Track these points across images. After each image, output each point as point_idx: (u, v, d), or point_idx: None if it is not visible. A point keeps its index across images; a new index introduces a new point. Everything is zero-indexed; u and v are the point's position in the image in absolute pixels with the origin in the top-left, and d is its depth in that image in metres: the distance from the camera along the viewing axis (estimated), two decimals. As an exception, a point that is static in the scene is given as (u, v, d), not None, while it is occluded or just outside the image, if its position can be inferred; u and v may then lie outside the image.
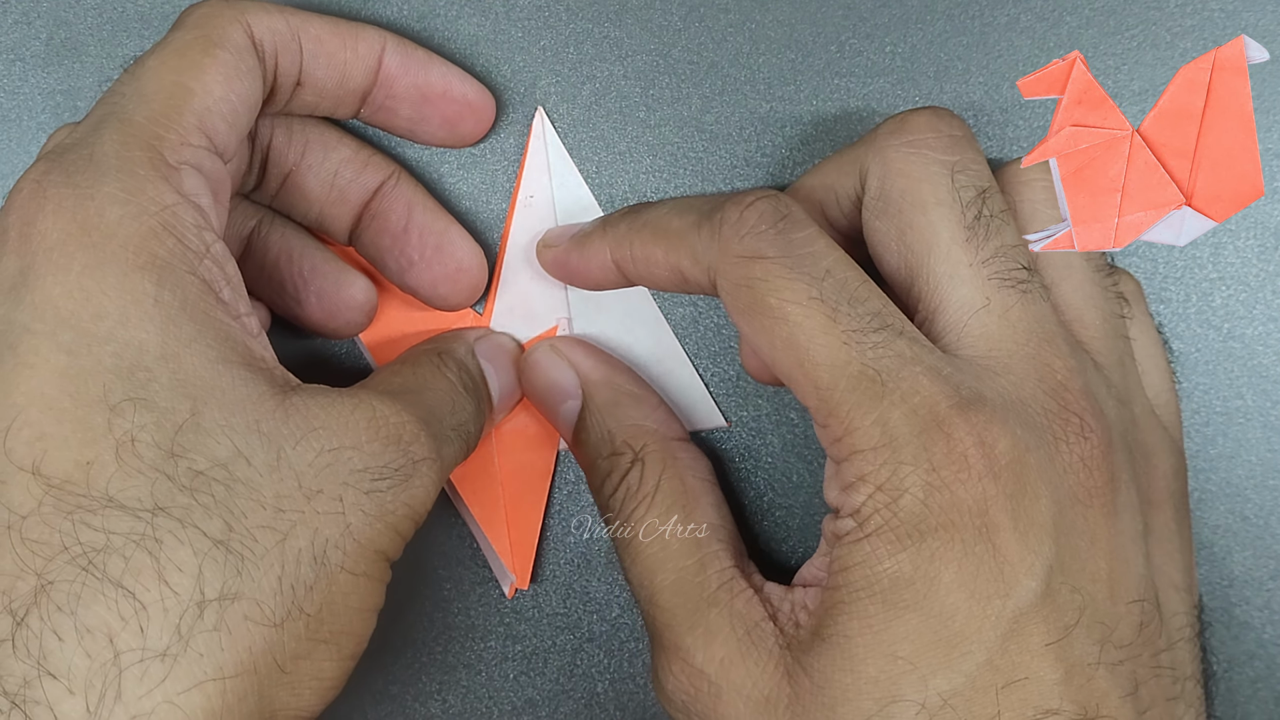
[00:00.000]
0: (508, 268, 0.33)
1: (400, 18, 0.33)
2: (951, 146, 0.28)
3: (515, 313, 0.33)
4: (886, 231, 0.28)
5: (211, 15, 0.27)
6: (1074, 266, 0.29)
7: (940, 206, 0.27)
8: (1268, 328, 0.34)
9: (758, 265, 0.27)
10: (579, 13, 0.33)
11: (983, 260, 0.27)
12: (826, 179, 0.30)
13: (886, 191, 0.28)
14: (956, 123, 0.28)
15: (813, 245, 0.27)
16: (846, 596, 0.25)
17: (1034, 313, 0.27)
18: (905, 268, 0.28)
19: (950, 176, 0.27)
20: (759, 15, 0.33)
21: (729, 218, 0.27)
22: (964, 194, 0.27)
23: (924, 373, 0.25)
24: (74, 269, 0.23)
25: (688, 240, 0.28)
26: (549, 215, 0.33)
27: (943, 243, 0.27)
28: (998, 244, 0.27)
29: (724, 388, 0.34)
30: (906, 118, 0.28)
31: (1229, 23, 0.33)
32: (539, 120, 0.33)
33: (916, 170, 0.27)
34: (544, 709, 0.34)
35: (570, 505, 0.34)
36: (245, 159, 0.30)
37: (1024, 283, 0.27)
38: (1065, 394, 0.26)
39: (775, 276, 0.26)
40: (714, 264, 0.27)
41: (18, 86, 0.33)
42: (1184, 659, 0.27)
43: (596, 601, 0.34)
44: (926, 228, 0.27)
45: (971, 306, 0.27)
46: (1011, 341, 0.27)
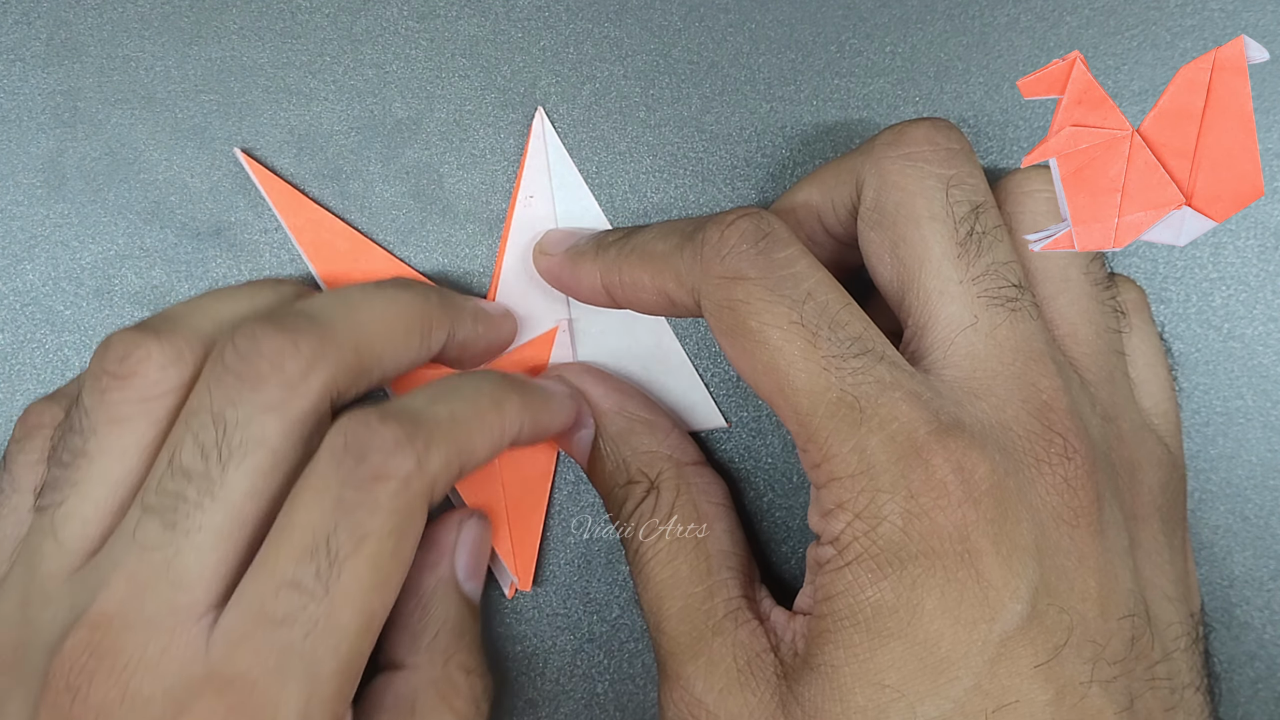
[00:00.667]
0: (508, 269, 0.33)
1: (400, 18, 0.33)
2: (948, 160, 0.28)
3: (515, 314, 0.33)
4: (880, 243, 0.28)
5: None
6: (1070, 280, 0.29)
7: (933, 221, 0.27)
8: (1268, 328, 0.34)
9: (739, 286, 0.26)
10: (579, 13, 0.34)
11: (973, 277, 0.27)
12: (824, 187, 0.30)
13: (881, 203, 0.28)
14: (954, 135, 0.28)
15: (794, 265, 0.27)
16: (831, 625, 0.25)
17: (1022, 331, 0.27)
18: (897, 280, 0.28)
19: (945, 191, 0.27)
20: (759, 15, 0.33)
21: (710, 238, 0.27)
22: (958, 209, 0.27)
23: (903, 398, 0.25)
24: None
25: (672, 263, 0.28)
26: (549, 215, 0.33)
27: (934, 258, 0.27)
28: (989, 261, 0.27)
29: (724, 388, 0.34)
30: (904, 129, 0.28)
31: (1229, 23, 0.33)
32: (539, 120, 0.33)
33: (911, 184, 0.27)
34: (544, 709, 0.34)
35: (570, 505, 0.34)
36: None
37: (1013, 300, 0.27)
38: (1049, 414, 0.26)
39: (756, 299, 0.26)
40: (698, 285, 0.27)
41: (18, 86, 0.33)
42: (1181, 668, 0.27)
43: (596, 602, 0.34)
44: (919, 242, 0.27)
45: (959, 324, 0.27)
46: (997, 361, 0.27)
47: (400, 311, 0.29)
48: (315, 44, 0.33)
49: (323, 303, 0.28)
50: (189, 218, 0.33)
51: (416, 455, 0.26)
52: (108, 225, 0.33)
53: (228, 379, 0.26)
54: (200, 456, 0.25)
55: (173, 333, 0.27)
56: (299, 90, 0.33)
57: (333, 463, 0.26)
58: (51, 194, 0.33)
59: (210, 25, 0.33)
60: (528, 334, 0.33)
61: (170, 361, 0.27)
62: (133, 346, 0.27)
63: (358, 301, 0.28)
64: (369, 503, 0.25)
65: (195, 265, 0.33)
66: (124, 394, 0.27)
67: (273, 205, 0.33)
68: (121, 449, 0.27)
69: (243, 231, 0.33)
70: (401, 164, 0.33)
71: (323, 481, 0.26)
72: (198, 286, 0.33)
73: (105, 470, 0.27)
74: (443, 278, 0.34)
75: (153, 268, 0.33)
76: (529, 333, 0.33)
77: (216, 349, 0.27)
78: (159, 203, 0.33)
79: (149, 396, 0.27)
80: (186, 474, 0.25)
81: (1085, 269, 0.29)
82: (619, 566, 0.34)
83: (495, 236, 0.34)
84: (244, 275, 0.33)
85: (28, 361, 0.34)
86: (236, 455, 0.25)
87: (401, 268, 0.33)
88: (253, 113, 0.33)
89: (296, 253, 0.33)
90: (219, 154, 0.33)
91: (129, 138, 0.33)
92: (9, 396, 0.34)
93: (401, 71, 0.33)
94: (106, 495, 0.27)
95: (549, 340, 0.33)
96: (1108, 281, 0.30)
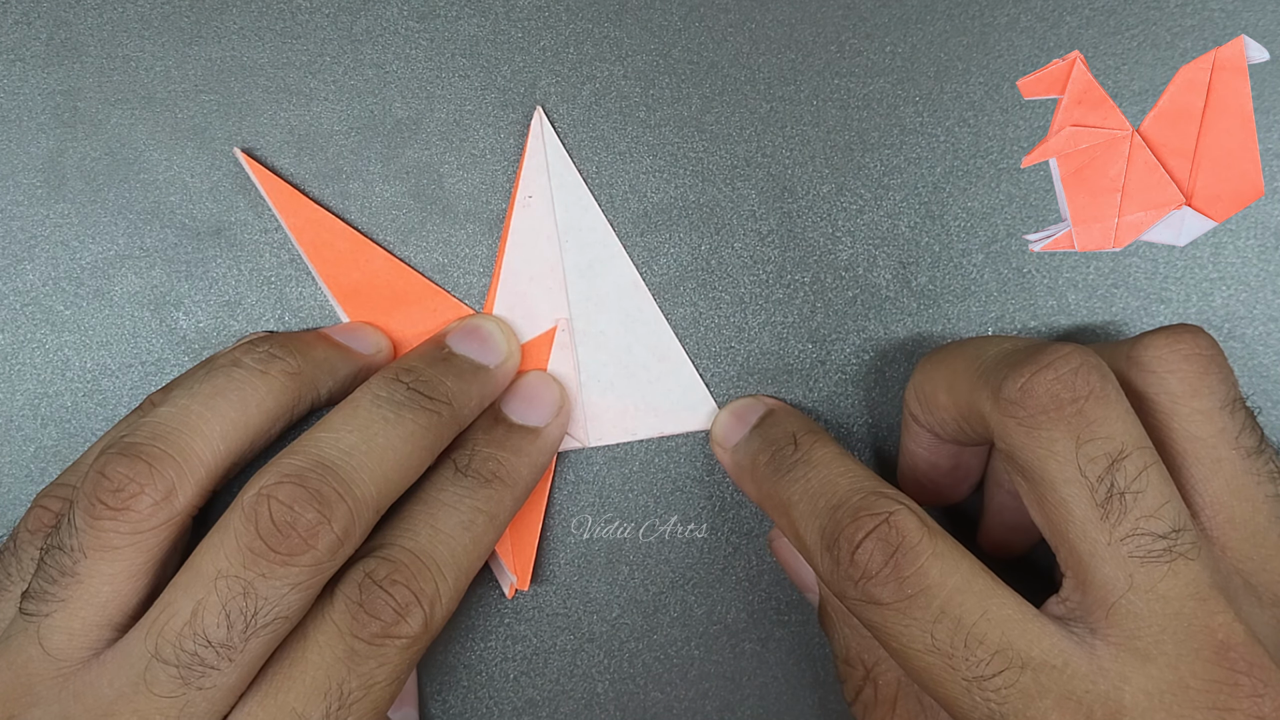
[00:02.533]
0: (507, 268, 0.33)
1: (400, 18, 0.33)
2: (1077, 417, 0.26)
3: (515, 312, 0.33)
4: (1027, 492, 0.28)
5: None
6: (1222, 460, 0.28)
7: (1069, 485, 0.26)
8: (1268, 328, 0.34)
9: (873, 611, 0.27)
10: (579, 13, 0.34)
11: (1120, 538, 0.26)
12: (957, 400, 0.29)
13: (1014, 458, 0.27)
14: (1082, 382, 0.27)
15: (926, 578, 0.26)
16: None
17: (1185, 578, 0.26)
18: (1049, 531, 0.27)
19: (1076, 450, 0.26)
20: (759, 15, 0.33)
21: (843, 557, 0.27)
22: (1093, 468, 0.26)
23: (1053, 706, 0.25)
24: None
25: (812, 557, 0.28)
26: (548, 215, 0.33)
27: (1077, 521, 0.26)
28: (1136, 516, 0.26)
29: (724, 388, 0.34)
30: (1029, 387, 0.27)
31: (1229, 23, 0.33)
32: (538, 120, 0.33)
33: (1040, 448, 0.27)
34: (544, 709, 0.34)
35: (570, 505, 0.34)
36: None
37: (1167, 552, 0.26)
38: (1229, 655, 0.26)
39: (891, 623, 0.26)
40: (839, 591, 0.28)
41: (18, 86, 0.33)
42: None
43: (596, 602, 0.34)
44: (1059, 505, 0.27)
45: (1116, 588, 0.26)
46: (1162, 616, 0.26)
47: (419, 443, 0.29)
48: (315, 44, 0.33)
49: (349, 446, 0.28)
50: (189, 218, 0.33)
51: (424, 616, 0.28)
52: (108, 225, 0.33)
53: (258, 546, 0.27)
54: (226, 626, 0.26)
55: (165, 462, 0.28)
56: (299, 90, 0.33)
57: (348, 614, 0.27)
58: (51, 194, 0.33)
59: (210, 25, 0.33)
60: (528, 333, 0.34)
61: (163, 497, 0.27)
62: (126, 480, 0.27)
63: (383, 447, 0.29)
64: (379, 656, 0.27)
65: (195, 265, 0.33)
66: (116, 525, 0.27)
67: (272, 205, 0.33)
68: (111, 574, 0.27)
69: (243, 231, 0.33)
70: (401, 164, 0.33)
71: (337, 629, 0.27)
72: (198, 286, 0.33)
73: (94, 592, 0.27)
74: (443, 277, 0.34)
75: (153, 268, 0.33)
76: (529, 332, 0.34)
77: (250, 507, 0.27)
78: (159, 203, 0.33)
79: (141, 530, 0.27)
80: (208, 640, 0.26)
81: (1235, 443, 0.28)
82: (619, 566, 0.34)
83: (495, 236, 0.34)
84: (244, 275, 0.33)
85: (28, 361, 0.34)
86: (262, 631, 0.27)
87: (401, 268, 0.33)
88: (253, 113, 0.33)
89: (296, 253, 0.33)
90: (219, 154, 0.33)
91: (129, 138, 0.33)
92: (9, 396, 0.34)
93: (401, 71, 0.33)
94: (94, 615, 0.27)
95: (548, 339, 0.33)
96: (1259, 445, 0.28)
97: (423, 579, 0.28)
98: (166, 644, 0.26)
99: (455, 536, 0.29)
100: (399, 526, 0.29)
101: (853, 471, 0.29)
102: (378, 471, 0.28)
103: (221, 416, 0.29)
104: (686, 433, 0.34)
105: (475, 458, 0.31)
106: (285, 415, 0.30)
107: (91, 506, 0.27)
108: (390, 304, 0.33)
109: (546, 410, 0.33)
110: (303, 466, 0.27)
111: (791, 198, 0.34)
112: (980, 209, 0.34)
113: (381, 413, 0.29)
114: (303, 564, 0.27)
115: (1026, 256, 0.34)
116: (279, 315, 0.34)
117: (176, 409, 0.29)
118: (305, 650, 0.27)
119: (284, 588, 0.27)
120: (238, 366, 0.30)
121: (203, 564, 0.27)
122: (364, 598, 0.27)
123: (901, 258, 0.34)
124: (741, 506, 0.34)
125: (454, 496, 0.30)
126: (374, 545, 0.29)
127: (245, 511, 0.27)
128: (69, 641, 0.27)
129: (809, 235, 0.34)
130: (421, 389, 0.30)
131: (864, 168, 0.33)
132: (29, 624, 0.27)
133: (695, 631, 0.34)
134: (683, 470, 0.34)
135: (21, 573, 0.30)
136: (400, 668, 0.28)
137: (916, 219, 0.34)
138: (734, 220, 0.34)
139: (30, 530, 0.30)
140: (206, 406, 0.29)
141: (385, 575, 0.28)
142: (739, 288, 0.34)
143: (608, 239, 0.34)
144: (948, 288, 0.34)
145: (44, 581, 0.27)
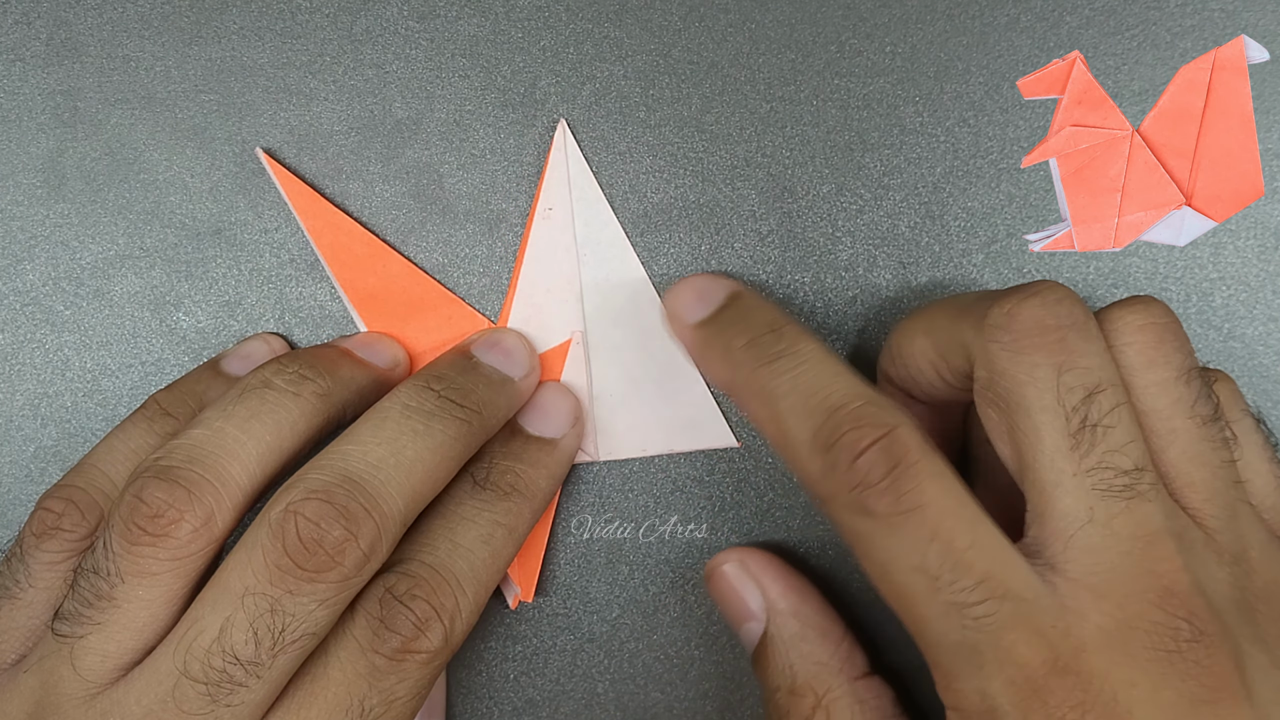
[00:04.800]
0: (524, 280, 0.33)
1: (400, 18, 0.33)
2: (1059, 345, 0.27)
3: (530, 324, 0.33)
4: (995, 423, 0.28)
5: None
6: (1178, 430, 0.28)
7: (1044, 412, 0.27)
8: (1268, 328, 0.34)
9: (863, 520, 0.27)
10: (579, 13, 0.34)
11: (1086, 469, 0.27)
12: (937, 342, 0.30)
13: (993, 386, 0.28)
14: (1066, 311, 0.27)
15: (921, 498, 0.26)
16: None
17: (1139, 516, 0.27)
18: (1014, 463, 0.28)
19: (1056, 378, 0.27)
20: (759, 15, 0.33)
21: (842, 462, 0.27)
22: (1070, 398, 0.27)
23: (1022, 639, 0.25)
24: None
25: (800, 450, 0.28)
26: (567, 228, 0.33)
27: (1046, 449, 0.27)
28: (1104, 449, 0.27)
29: (735, 407, 0.34)
30: (1015, 310, 0.27)
31: (1229, 23, 0.33)
32: (560, 133, 0.33)
33: (1021, 373, 0.27)
34: (544, 709, 0.34)
35: (570, 505, 0.34)
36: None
37: (1129, 488, 0.27)
38: (1170, 600, 0.26)
39: (880, 536, 0.26)
40: (825, 496, 0.27)
41: (18, 86, 0.33)
42: None
43: (596, 602, 0.34)
44: (1031, 431, 0.27)
45: (1076, 519, 0.26)
46: (1116, 553, 0.26)
47: (447, 454, 0.29)
48: (315, 44, 0.33)
49: (377, 460, 0.28)
50: (189, 218, 0.33)
51: (444, 631, 0.28)
52: (108, 225, 0.33)
53: (285, 563, 0.26)
54: (254, 644, 0.26)
55: (203, 487, 0.27)
56: (299, 90, 0.33)
57: (368, 630, 0.28)
58: (51, 194, 0.33)
59: (210, 25, 0.33)
60: (542, 345, 0.34)
61: (203, 523, 0.27)
62: (165, 506, 0.27)
63: (411, 460, 0.29)
64: (399, 671, 0.27)
65: (195, 265, 0.33)
66: (155, 551, 0.27)
67: (292, 207, 0.33)
68: (149, 599, 0.27)
69: (243, 231, 0.33)
70: (401, 164, 0.33)
71: (358, 645, 0.27)
72: (198, 286, 0.33)
73: (131, 617, 0.27)
74: (443, 277, 0.34)
75: (153, 268, 0.33)
76: (543, 344, 0.34)
77: (277, 524, 0.27)
78: (159, 203, 0.33)
79: (180, 556, 0.27)
80: (236, 657, 0.26)
81: (1190, 412, 0.28)
82: (619, 566, 0.34)
83: (495, 236, 0.34)
84: (244, 275, 0.33)
85: (28, 361, 0.34)
86: (289, 648, 0.27)
87: (419, 275, 0.33)
88: (253, 113, 0.33)
89: (296, 253, 0.33)
90: (219, 154, 0.33)
91: (129, 138, 0.33)
92: (9, 396, 0.34)
93: (401, 71, 0.33)
94: (130, 638, 0.27)
95: (563, 351, 0.33)
96: (1214, 412, 0.29)
97: (442, 594, 0.28)
98: (195, 661, 0.26)
99: (474, 550, 0.29)
100: (418, 541, 0.29)
101: (846, 374, 0.28)
102: (405, 485, 0.28)
103: (257, 440, 0.29)
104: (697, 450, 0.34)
105: (494, 471, 0.31)
106: (316, 437, 0.30)
107: (128, 531, 0.27)
108: (406, 311, 0.33)
109: (563, 421, 0.33)
110: (329, 482, 0.27)
111: (791, 198, 0.34)
112: (980, 209, 0.34)
113: (411, 424, 0.29)
114: (329, 581, 0.27)
115: (1026, 256, 0.34)
116: (279, 315, 0.34)
117: (211, 431, 0.28)
118: (327, 666, 0.27)
119: (311, 604, 0.26)
120: (269, 389, 0.29)
121: (230, 580, 0.27)
122: (384, 613, 0.27)
123: (901, 258, 0.34)
124: (741, 507, 0.34)
125: (473, 510, 0.30)
126: (393, 560, 0.29)
127: (272, 528, 0.27)
128: (101, 663, 0.27)
129: (809, 235, 0.34)
130: (454, 397, 0.30)
131: (864, 168, 0.33)
132: (62, 645, 0.27)
133: (695, 631, 0.34)
134: (683, 470, 0.34)
135: (30, 579, 0.29)
136: (421, 683, 0.28)
137: (916, 219, 0.34)
138: (734, 220, 0.34)
139: (35, 534, 0.30)
140: (242, 430, 0.29)
141: (405, 590, 0.28)
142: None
143: (626, 254, 0.34)
144: (948, 288, 0.34)
145: (79, 604, 0.27)
